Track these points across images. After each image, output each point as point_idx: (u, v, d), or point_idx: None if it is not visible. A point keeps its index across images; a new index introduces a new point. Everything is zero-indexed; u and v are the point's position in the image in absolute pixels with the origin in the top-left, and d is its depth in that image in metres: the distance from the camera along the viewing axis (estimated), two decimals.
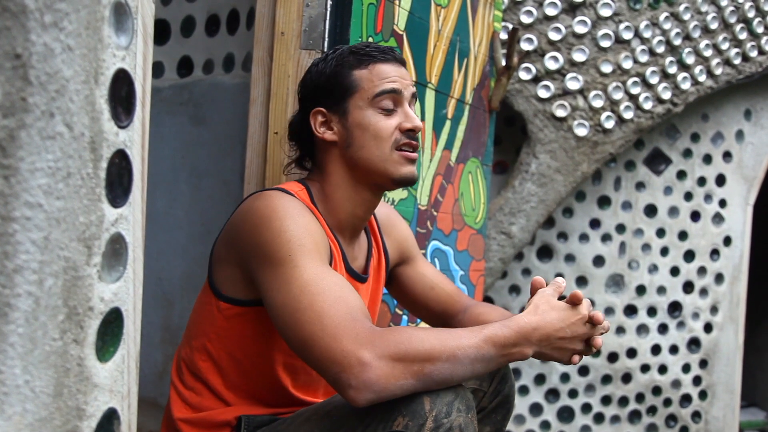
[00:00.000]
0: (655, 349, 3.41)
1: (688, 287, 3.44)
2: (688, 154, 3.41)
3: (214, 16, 2.31)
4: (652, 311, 3.39)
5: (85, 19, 0.69)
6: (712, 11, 3.22)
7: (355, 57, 1.39)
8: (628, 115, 3.10)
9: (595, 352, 1.31)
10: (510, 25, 2.94)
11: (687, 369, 3.47)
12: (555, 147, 3.05)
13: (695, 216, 3.43)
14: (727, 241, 3.50)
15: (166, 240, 2.30)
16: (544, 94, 3.04)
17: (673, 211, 3.41)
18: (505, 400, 1.46)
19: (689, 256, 3.43)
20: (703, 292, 3.47)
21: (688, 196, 3.42)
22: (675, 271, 3.41)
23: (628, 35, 3.07)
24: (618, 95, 3.08)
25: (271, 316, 1.21)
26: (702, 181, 3.44)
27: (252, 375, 1.36)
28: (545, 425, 3.33)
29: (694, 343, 3.49)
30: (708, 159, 3.44)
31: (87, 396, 0.73)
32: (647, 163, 3.38)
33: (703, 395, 3.51)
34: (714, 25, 3.22)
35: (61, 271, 0.68)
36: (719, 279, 3.50)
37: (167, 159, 2.30)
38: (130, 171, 0.80)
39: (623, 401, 3.38)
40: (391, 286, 1.65)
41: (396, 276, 1.63)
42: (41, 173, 0.65)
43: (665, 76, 3.16)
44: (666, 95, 3.15)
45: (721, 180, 3.47)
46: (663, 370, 3.42)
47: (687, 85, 3.20)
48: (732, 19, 3.26)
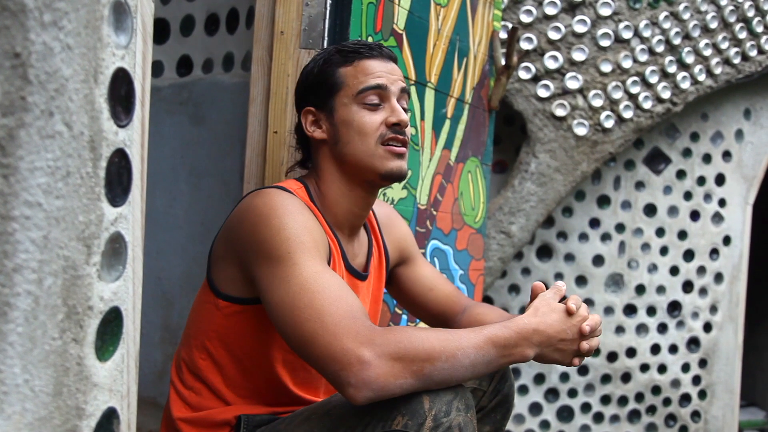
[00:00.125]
0: (655, 349, 3.41)
1: (687, 287, 3.44)
2: (687, 153, 3.41)
3: (213, 15, 2.31)
4: (651, 311, 3.39)
5: (85, 18, 0.69)
6: (711, 10, 3.22)
7: (341, 55, 1.39)
8: (627, 115, 3.10)
9: (594, 352, 1.31)
10: (509, 25, 2.94)
11: (686, 368, 3.47)
12: (554, 146, 3.05)
13: (695, 215, 3.43)
14: (727, 241, 3.50)
15: (165, 239, 2.30)
16: (543, 93, 3.03)
17: (673, 211, 3.41)
18: (505, 399, 1.46)
19: (689, 255, 3.43)
20: (703, 291, 3.48)
21: (687, 195, 3.42)
22: (674, 271, 3.41)
23: (627, 34, 3.07)
24: (617, 94, 3.08)
25: (270, 314, 1.20)
26: (701, 181, 3.44)
27: (252, 373, 1.36)
28: (545, 425, 3.33)
29: (693, 343, 3.49)
30: (707, 158, 3.44)
31: (86, 395, 0.73)
32: (647, 163, 3.38)
33: (703, 395, 3.52)
34: (713, 25, 3.22)
35: (61, 270, 0.68)
36: (719, 278, 3.50)
37: (167, 158, 2.30)
38: (129, 170, 0.79)
39: (623, 401, 3.38)
40: (391, 286, 1.65)
41: (395, 276, 1.63)
42: (41, 172, 0.65)
43: (665, 75, 3.16)
44: (665, 95, 3.15)
45: (721, 179, 3.47)
46: (662, 369, 3.43)
47: (686, 85, 3.20)
48: (731, 19, 3.26)
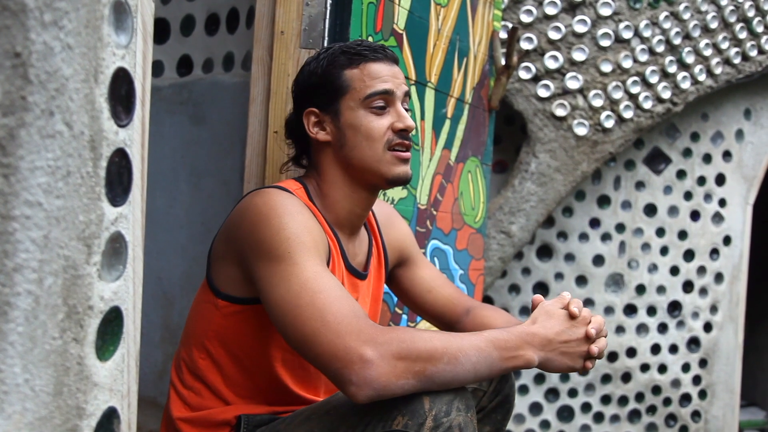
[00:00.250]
0: (655, 349, 3.41)
1: (687, 287, 3.44)
2: (687, 153, 3.41)
3: (213, 15, 2.31)
4: (651, 311, 3.39)
5: (85, 18, 0.69)
6: (711, 10, 3.22)
7: (346, 56, 1.38)
8: (627, 115, 3.09)
9: (598, 354, 1.31)
10: (510, 24, 2.94)
11: (687, 368, 3.47)
12: (555, 146, 3.05)
13: (695, 215, 3.43)
14: (727, 241, 3.50)
15: (165, 239, 2.30)
16: (543, 93, 3.03)
17: (673, 211, 3.41)
18: (505, 399, 1.46)
19: (689, 255, 3.43)
20: (703, 291, 3.47)
21: (687, 195, 3.42)
22: (675, 271, 3.41)
23: (627, 34, 3.07)
24: (618, 94, 3.08)
25: (270, 312, 1.20)
26: (702, 181, 3.44)
27: (252, 373, 1.36)
28: (545, 424, 3.33)
29: (693, 343, 3.49)
30: (708, 158, 3.44)
31: (87, 395, 0.73)
32: (647, 163, 3.38)
33: (703, 394, 3.52)
34: (714, 25, 3.22)
35: (61, 270, 0.68)
36: (719, 278, 3.50)
37: (167, 158, 2.30)
38: (129, 170, 0.79)
39: (623, 400, 3.38)
40: (391, 286, 1.65)
41: (394, 277, 1.63)
42: (41, 172, 0.65)
43: (665, 75, 3.16)
44: (666, 95, 3.15)
45: (721, 179, 3.47)
46: (663, 369, 3.42)
47: (687, 85, 3.20)
48: (732, 19, 3.26)
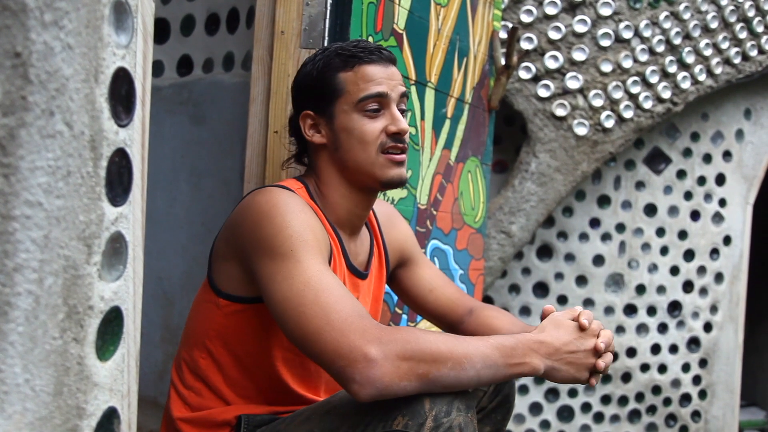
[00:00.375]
0: (655, 349, 3.41)
1: (687, 286, 3.44)
2: (688, 153, 3.41)
3: (213, 14, 2.31)
4: (651, 310, 3.39)
5: (85, 18, 0.69)
6: (712, 10, 3.22)
7: (341, 59, 1.37)
8: (628, 115, 3.09)
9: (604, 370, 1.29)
10: (510, 24, 2.94)
11: (687, 368, 3.47)
12: (555, 146, 3.05)
13: (695, 215, 3.43)
14: (727, 241, 3.50)
15: (166, 239, 2.30)
16: (543, 93, 3.03)
17: (673, 211, 3.41)
18: (505, 399, 1.46)
19: (689, 255, 3.43)
20: (703, 291, 3.47)
21: (687, 195, 3.42)
22: (675, 271, 3.41)
23: (628, 34, 3.07)
24: (618, 94, 3.08)
25: (273, 310, 1.20)
26: (702, 181, 3.43)
27: (252, 372, 1.36)
28: (545, 424, 3.33)
29: (693, 343, 3.49)
30: (708, 158, 3.44)
31: (87, 395, 0.73)
32: (647, 163, 3.38)
33: (703, 394, 3.51)
34: (714, 25, 3.22)
35: (61, 270, 0.68)
36: (719, 278, 3.50)
37: (167, 158, 2.30)
38: (130, 170, 0.79)
39: (623, 400, 3.38)
40: (392, 286, 1.65)
41: (396, 277, 1.63)
42: (41, 172, 0.65)
43: (665, 75, 3.16)
44: (666, 94, 3.15)
45: (721, 179, 3.47)
46: (663, 369, 3.42)
47: (687, 85, 3.19)
48: (732, 19, 3.26)
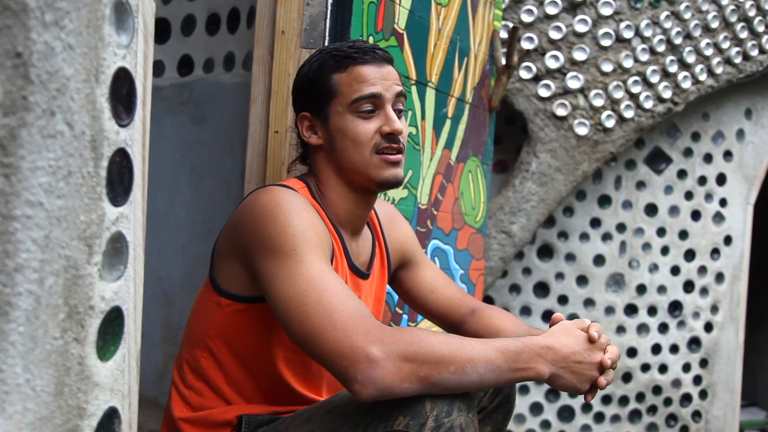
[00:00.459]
0: (656, 349, 3.41)
1: (688, 286, 3.44)
2: (688, 153, 3.41)
3: (214, 14, 2.31)
4: (652, 310, 3.39)
5: (86, 18, 0.69)
6: (712, 10, 3.22)
7: (335, 60, 1.38)
8: (628, 114, 3.09)
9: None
10: (510, 24, 2.94)
11: (687, 368, 3.47)
12: (555, 146, 3.05)
13: (696, 215, 3.43)
14: (728, 241, 3.49)
15: (166, 239, 2.30)
16: (544, 93, 3.03)
17: (674, 211, 3.41)
18: (506, 399, 1.46)
19: (690, 255, 3.43)
20: (704, 291, 3.47)
21: (688, 195, 3.41)
22: (675, 271, 3.41)
23: (628, 34, 3.07)
24: (619, 94, 3.08)
25: (275, 309, 1.20)
26: (702, 181, 3.43)
27: (254, 371, 1.36)
28: (545, 425, 3.33)
29: (694, 343, 3.48)
30: (708, 158, 3.44)
31: (88, 395, 0.73)
32: (648, 163, 3.38)
33: (704, 395, 3.51)
34: (715, 24, 3.22)
35: (62, 270, 0.68)
36: (720, 278, 3.50)
37: (168, 158, 2.30)
38: (130, 170, 0.79)
39: (623, 400, 3.38)
40: (394, 286, 1.65)
41: (397, 278, 1.63)
42: (42, 172, 0.65)
43: (666, 75, 3.15)
44: (667, 94, 3.15)
45: (722, 179, 3.47)
46: (663, 369, 3.42)
47: (688, 84, 3.19)
48: (733, 18, 3.26)
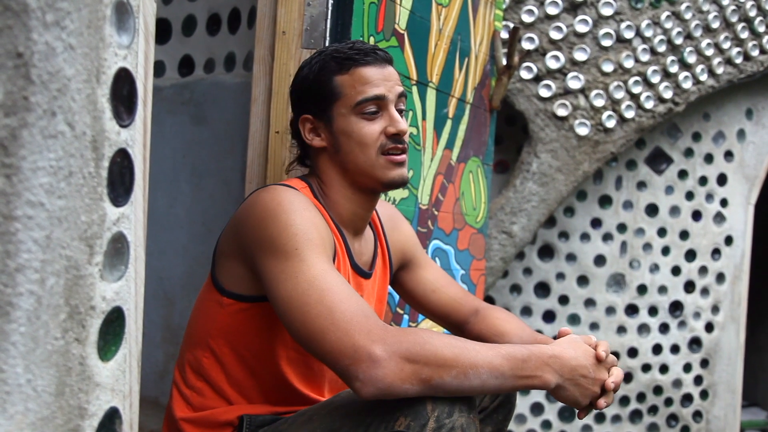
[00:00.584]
0: (656, 349, 3.40)
1: (689, 287, 3.44)
2: (689, 153, 3.41)
3: (215, 15, 2.31)
4: (653, 311, 3.39)
5: (87, 18, 0.69)
6: (713, 10, 3.21)
7: (336, 62, 1.37)
8: (629, 115, 3.09)
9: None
10: (511, 24, 2.94)
11: (688, 368, 3.47)
12: (556, 146, 3.05)
13: (696, 215, 3.43)
14: (729, 241, 3.49)
15: (167, 239, 2.30)
16: (545, 93, 3.03)
17: (675, 211, 3.40)
18: (507, 400, 1.46)
19: (690, 255, 3.43)
20: (705, 291, 3.47)
21: (689, 195, 3.41)
22: (676, 271, 3.41)
23: (629, 34, 3.07)
24: (619, 94, 3.08)
25: (277, 309, 1.20)
26: (703, 181, 3.43)
27: (256, 371, 1.36)
28: (546, 425, 3.32)
29: (695, 343, 3.48)
30: (709, 158, 3.44)
31: (89, 395, 0.73)
32: (648, 163, 3.37)
33: (705, 395, 3.51)
34: (715, 25, 3.22)
35: (63, 270, 0.68)
36: (720, 278, 3.49)
37: (168, 158, 2.30)
38: (131, 170, 0.79)
39: (624, 401, 3.38)
40: (396, 287, 1.65)
41: (398, 279, 1.63)
42: (43, 172, 0.65)
43: (667, 75, 3.15)
44: (667, 94, 3.15)
45: (723, 179, 3.47)
46: (664, 369, 3.42)
47: (688, 85, 3.19)
48: (733, 18, 3.26)
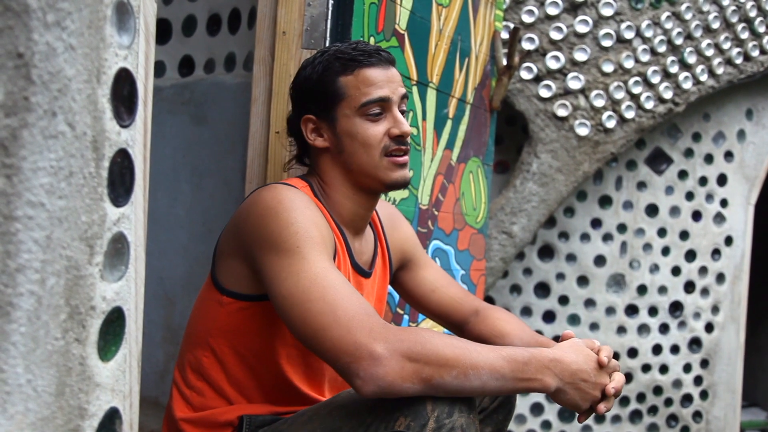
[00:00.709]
0: (656, 349, 3.40)
1: (689, 287, 3.44)
2: (689, 153, 3.41)
3: (215, 15, 2.31)
4: (653, 311, 3.39)
5: (88, 19, 0.69)
6: (713, 11, 3.21)
7: (340, 62, 1.37)
8: (629, 115, 3.09)
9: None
10: (511, 25, 2.94)
11: (688, 369, 3.47)
12: (556, 146, 3.05)
13: (696, 216, 3.43)
14: (729, 241, 3.49)
15: (167, 239, 2.30)
16: (545, 93, 3.03)
17: (675, 211, 3.40)
18: (507, 400, 1.46)
19: (690, 255, 3.43)
20: (705, 291, 3.47)
21: (689, 195, 3.41)
22: (676, 271, 3.41)
23: (629, 35, 3.07)
24: (619, 95, 3.08)
25: (278, 306, 1.20)
26: (703, 181, 3.43)
27: (256, 370, 1.36)
28: (546, 425, 3.32)
29: (695, 343, 3.48)
30: (709, 158, 3.44)
31: (89, 395, 0.73)
32: (648, 163, 3.37)
33: (704, 395, 3.51)
34: (716, 25, 3.22)
35: (63, 270, 0.68)
36: (720, 279, 3.49)
37: (168, 158, 2.30)
38: (132, 170, 0.79)
39: (624, 401, 3.38)
40: (395, 287, 1.65)
41: (398, 279, 1.63)
42: (43, 172, 0.65)
43: (667, 75, 3.15)
44: (667, 95, 3.15)
45: (723, 180, 3.47)
46: (664, 369, 3.42)
47: (688, 85, 3.19)
48: (734, 19, 3.26)
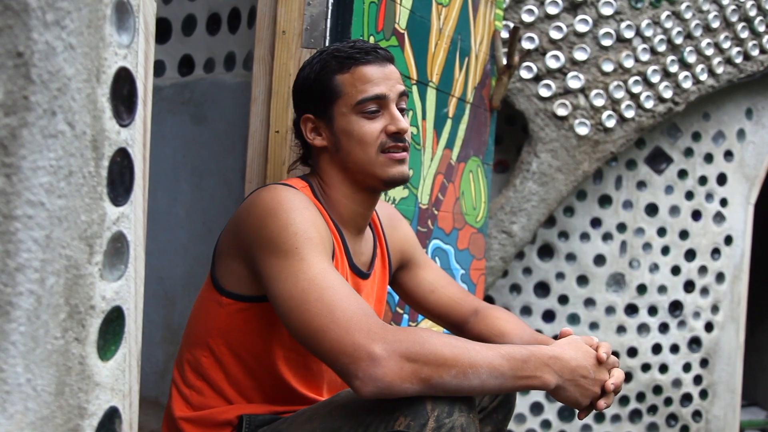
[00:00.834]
0: (656, 349, 3.41)
1: (689, 286, 3.44)
2: (689, 153, 3.41)
3: (215, 14, 2.31)
4: (653, 310, 3.39)
5: (87, 18, 0.69)
6: (713, 10, 3.21)
7: (337, 61, 1.38)
8: (629, 114, 3.09)
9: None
10: (511, 24, 2.94)
11: (688, 368, 3.47)
12: (556, 146, 3.05)
13: (696, 215, 3.43)
14: (728, 240, 3.49)
15: (167, 239, 2.30)
16: (545, 93, 3.03)
17: (674, 210, 3.40)
18: (506, 399, 1.46)
19: (690, 255, 3.43)
20: (704, 291, 3.47)
21: (689, 195, 3.41)
22: (676, 271, 3.41)
23: (629, 34, 3.07)
24: (619, 94, 3.08)
25: (277, 308, 1.20)
26: (703, 180, 3.43)
27: (255, 371, 1.36)
28: (546, 424, 3.33)
29: (695, 343, 3.48)
30: (709, 158, 3.44)
31: (88, 394, 0.73)
32: (648, 162, 3.37)
33: (704, 394, 3.51)
34: (715, 24, 3.22)
35: (63, 270, 0.68)
36: (720, 278, 3.50)
37: (168, 158, 2.30)
38: (131, 169, 0.79)
39: (624, 400, 3.38)
40: (395, 287, 1.65)
41: (397, 279, 1.63)
42: (43, 171, 0.65)
43: (666, 75, 3.15)
44: (667, 94, 3.15)
45: (723, 179, 3.47)
46: (664, 369, 3.42)
47: (688, 84, 3.19)
48: (733, 18, 3.26)
